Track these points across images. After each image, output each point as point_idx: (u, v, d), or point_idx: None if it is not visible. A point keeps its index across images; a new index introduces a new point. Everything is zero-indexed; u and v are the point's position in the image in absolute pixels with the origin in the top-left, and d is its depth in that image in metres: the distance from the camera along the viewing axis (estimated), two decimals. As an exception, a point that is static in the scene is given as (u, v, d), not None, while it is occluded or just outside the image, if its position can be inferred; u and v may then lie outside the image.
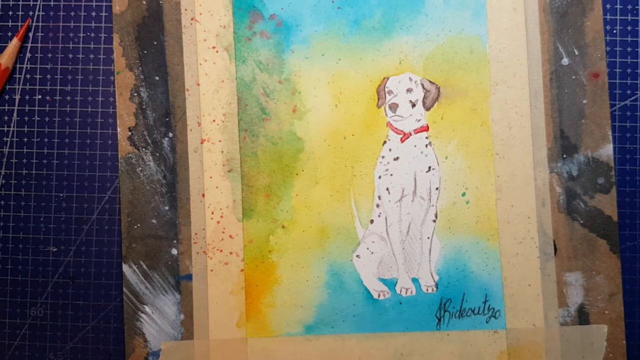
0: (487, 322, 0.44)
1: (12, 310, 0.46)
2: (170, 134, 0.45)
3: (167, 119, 0.45)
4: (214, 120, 0.45)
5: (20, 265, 0.46)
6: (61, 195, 0.46)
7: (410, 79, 0.45)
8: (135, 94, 0.45)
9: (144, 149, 0.45)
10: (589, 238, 0.45)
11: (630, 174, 0.46)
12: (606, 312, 0.45)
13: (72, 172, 0.46)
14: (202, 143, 0.45)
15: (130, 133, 0.45)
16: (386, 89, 0.45)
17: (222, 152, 0.45)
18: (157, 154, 0.45)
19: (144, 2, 0.45)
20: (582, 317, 0.45)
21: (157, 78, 0.45)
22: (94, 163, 0.46)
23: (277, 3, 0.45)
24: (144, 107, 0.45)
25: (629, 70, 0.46)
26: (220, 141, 0.45)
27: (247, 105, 0.45)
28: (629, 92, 0.46)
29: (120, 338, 0.46)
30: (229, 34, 0.45)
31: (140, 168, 0.45)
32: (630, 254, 0.46)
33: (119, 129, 0.45)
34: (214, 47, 0.45)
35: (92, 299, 0.46)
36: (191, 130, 0.45)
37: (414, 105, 0.45)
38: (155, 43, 0.45)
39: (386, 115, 0.45)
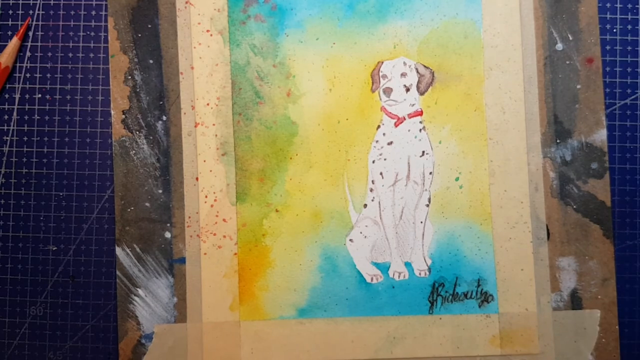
0: (479, 307, 0.44)
1: (11, 309, 0.46)
2: (164, 117, 0.45)
3: (161, 102, 0.45)
4: (207, 104, 0.45)
5: (20, 264, 0.46)
6: (61, 194, 0.46)
7: (405, 64, 0.45)
8: (129, 77, 0.45)
9: (137, 132, 0.45)
10: (582, 223, 0.45)
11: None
12: (599, 297, 0.45)
13: (72, 172, 0.46)
14: (195, 127, 0.45)
15: (124, 116, 0.45)
16: (380, 73, 0.45)
17: (216, 135, 0.45)
18: (151, 137, 0.45)
19: (139, -15, 0.45)
20: (575, 302, 0.45)
21: (151, 61, 0.45)
22: (94, 162, 0.46)
23: (271, -14, 0.45)
24: (137, 90, 0.45)
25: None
26: (214, 125, 0.45)
27: (241, 89, 0.45)
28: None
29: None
30: (224, 17, 0.45)
31: (134, 151, 0.45)
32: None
33: (112, 112, 0.45)
34: (208, 31, 0.45)
35: (92, 298, 0.46)
36: (185, 113, 0.45)
37: (408, 90, 0.45)
38: (149, 26, 0.45)
39: (380, 99, 0.45)
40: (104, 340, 0.46)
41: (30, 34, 0.47)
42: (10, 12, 0.47)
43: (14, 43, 0.46)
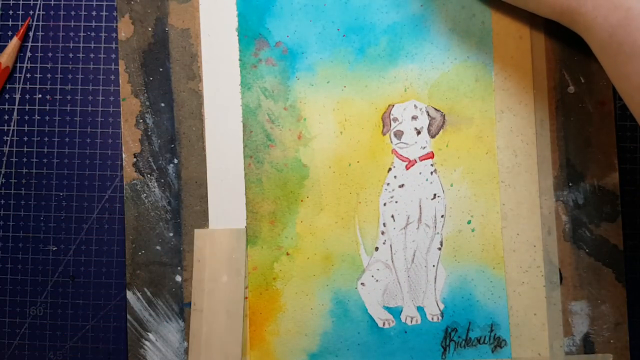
0: (492, 352, 0.44)
1: (11, 310, 0.46)
2: (176, 161, 0.45)
3: (173, 146, 0.45)
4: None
5: (20, 264, 0.46)
6: (61, 194, 0.46)
7: (416, 107, 0.45)
8: (141, 121, 0.45)
9: (149, 175, 0.45)
10: (595, 267, 0.45)
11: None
12: (611, 341, 0.44)
13: (72, 172, 0.46)
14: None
15: (135, 159, 0.45)
16: (391, 116, 0.45)
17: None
18: (162, 181, 0.45)
19: (150, 29, 0.45)
20: (588, 346, 0.44)
21: (162, 104, 0.45)
22: (94, 162, 0.46)
23: (282, 30, 0.45)
24: (149, 133, 0.45)
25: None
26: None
27: (252, 132, 0.45)
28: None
29: (120, 337, 0.45)
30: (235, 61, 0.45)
31: (145, 194, 0.45)
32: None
33: (124, 155, 0.45)
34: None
35: (92, 298, 0.46)
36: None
37: (419, 133, 0.45)
38: (161, 70, 0.45)
39: (391, 142, 0.45)
40: (104, 341, 0.46)
41: (31, 34, 0.47)
42: (11, 12, 0.47)
43: (14, 43, 0.46)
